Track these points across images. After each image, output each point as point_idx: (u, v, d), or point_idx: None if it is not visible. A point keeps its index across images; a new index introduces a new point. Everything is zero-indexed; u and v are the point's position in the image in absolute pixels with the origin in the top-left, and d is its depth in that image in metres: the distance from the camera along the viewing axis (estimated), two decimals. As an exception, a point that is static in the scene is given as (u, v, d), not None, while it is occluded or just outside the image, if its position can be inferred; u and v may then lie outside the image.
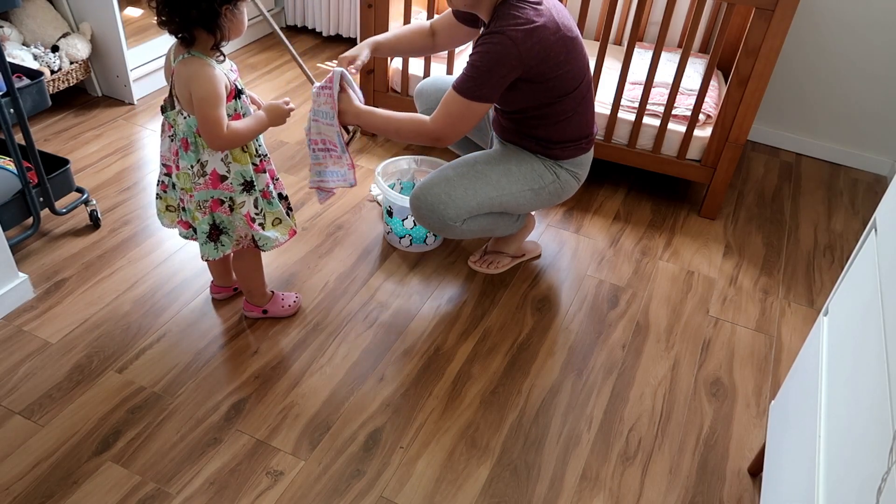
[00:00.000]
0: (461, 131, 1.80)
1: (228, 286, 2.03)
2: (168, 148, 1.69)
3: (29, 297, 1.98)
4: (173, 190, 1.76)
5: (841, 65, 2.88)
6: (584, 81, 1.88)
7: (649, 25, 3.05)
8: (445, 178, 1.91)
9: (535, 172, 1.96)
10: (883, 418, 0.94)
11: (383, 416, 1.75)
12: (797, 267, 2.42)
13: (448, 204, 1.88)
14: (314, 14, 3.66)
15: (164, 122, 1.67)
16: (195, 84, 1.52)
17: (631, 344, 2.03)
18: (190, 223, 1.76)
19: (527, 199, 1.98)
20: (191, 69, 1.52)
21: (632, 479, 1.67)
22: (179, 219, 1.78)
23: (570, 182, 2.02)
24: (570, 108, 1.88)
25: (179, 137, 1.63)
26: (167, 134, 1.67)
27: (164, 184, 1.78)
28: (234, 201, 1.70)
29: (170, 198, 1.79)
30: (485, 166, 1.93)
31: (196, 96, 1.53)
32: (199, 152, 1.63)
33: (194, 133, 1.60)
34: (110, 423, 1.67)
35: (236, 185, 1.68)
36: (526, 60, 1.71)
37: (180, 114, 1.60)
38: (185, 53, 1.54)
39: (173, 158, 1.69)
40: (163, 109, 1.67)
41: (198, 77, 1.52)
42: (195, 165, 1.64)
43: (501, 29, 1.69)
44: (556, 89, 1.82)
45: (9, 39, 2.63)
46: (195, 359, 1.86)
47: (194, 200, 1.68)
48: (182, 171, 1.66)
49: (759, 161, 3.04)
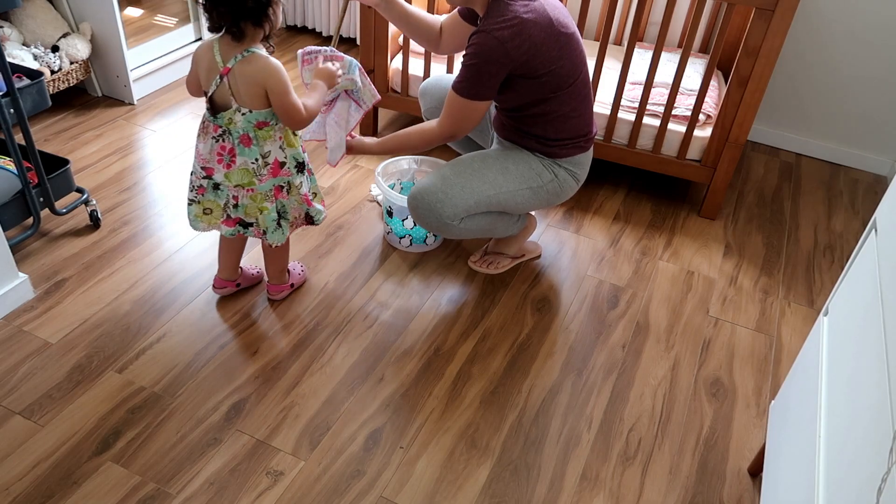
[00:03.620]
0: (468, 127, 1.89)
1: (233, 280, 2.04)
2: (210, 150, 1.72)
3: (29, 297, 1.98)
4: (214, 192, 1.79)
5: (841, 65, 2.88)
6: (581, 78, 1.88)
7: (649, 25, 3.05)
8: (442, 177, 1.91)
9: (534, 171, 1.96)
10: (883, 418, 0.94)
11: (383, 416, 1.75)
12: (797, 267, 2.42)
13: (445, 202, 1.88)
14: (314, 14, 3.66)
15: (207, 124, 1.71)
16: (270, 78, 1.61)
17: (631, 344, 2.03)
18: (241, 218, 1.82)
19: (525, 198, 1.98)
20: (258, 65, 1.60)
21: (632, 479, 1.67)
22: (224, 218, 1.83)
23: (569, 181, 2.02)
24: (567, 105, 1.88)
25: (238, 135, 1.68)
26: (210, 135, 1.71)
27: (202, 188, 1.79)
28: (292, 184, 1.80)
29: (207, 201, 1.81)
30: (482, 164, 1.94)
31: (274, 90, 1.62)
32: (261, 145, 1.70)
33: (254, 128, 1.67)
34: (110, 423, 1.67)
35: (292, 168, 1.77)
36: (514, 57, 1.73)
37: (238, 111, 1.66)
38: (243, 52, 1.60)
39: (216, 159, 1.72)
40: (211, 111, 1.69)
41: (269, 71, 1.61)
42: (259, 159, 1.71)
43: (488, 28, 1.72)
44: (551, 84, 1.82)
45: (9, 39, 2.63)
46: (195, 359, 1.86)
47: (258, 193, 1.76)
48: (238, 168, 1.72)
49: (759, 161, 3.04)
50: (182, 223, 2.31)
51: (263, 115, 1.68)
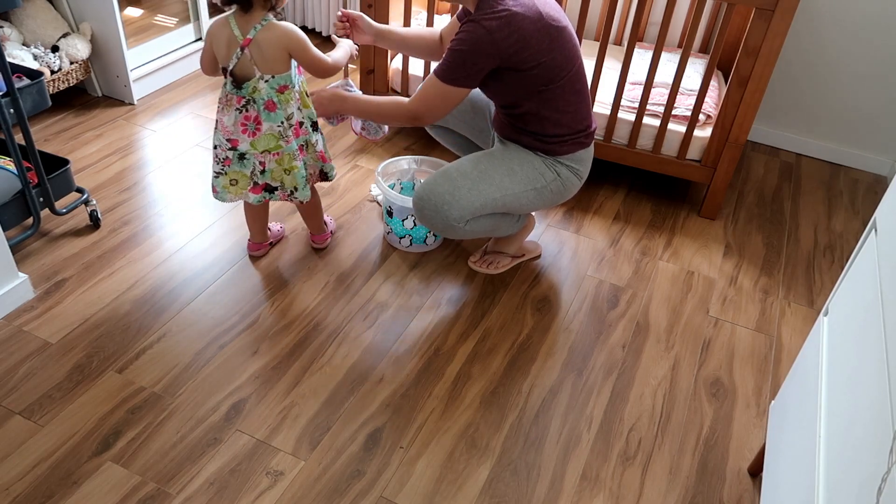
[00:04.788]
0: (438, 113, 1.88)
1: (266, 241, 2.21)
2: (235, 121, 1.84)
3: (29, 297, 1.98)
4: (239, 162, 1.90)
5: (841, 65, 2.88)
6: (574, 72, 1.87)
7: (649, 25, 3.05)
8: (449, 179, 1.91)
9: (537, 171, 1.96)
10: (883, 418, 0.94)
11: (383, 416, 1.75)
12: (797, 267, 2.42)
13: (452, 204, 1.88)
14: (314, 14, 3.66)
15: (230, 97, 1.82)
16: (291, 40, 1.76)
17: (631, 344, 2.03)
18: (268, 183, 1.94)
19: (529, 199, 1.98)
20: (278, 30, 1.75)
21: (632, 479, 1.67)
22: (251, 185, 1.95)
23: (572, 180, 2.02)
24: (561, 99, 1.88)
25: (263, 102, 1.81)
26: (234, 107, 1.82)
27: (227, 159, 1.91)
28: (308, 142, 1.95)
29: (233, 171, 1.92)
30: (488, 166, 1.94)
31: (297, 48, 1.78)
32: (284, 108, 1.83)
33: (276, 93, 1.81)
34: (110, 423, 1.67)
35: (308, 127, 1.93)
36: (502, 49, 1.74)
37: (261, 79, 1.78)
38: (261, 22, 1.73)
39: (241, 130, 1.84)
40: (234, 84, 1.80)
41: (288, 33, 1.76)
42: (283, 122, 1.85)
43: (477, 18, 1.74)
44: (542, 77, 1.82)
45: (9, 39, 2.63)
46: (195, 359, 1.86)
47: (285, 154, 1.88)
48: (265, 134, 1.85)
49: (759, 161, 3.04)
50: (182, 223, 2.31)
51: (284, 79, 1.81)
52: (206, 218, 2.35)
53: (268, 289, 2.10)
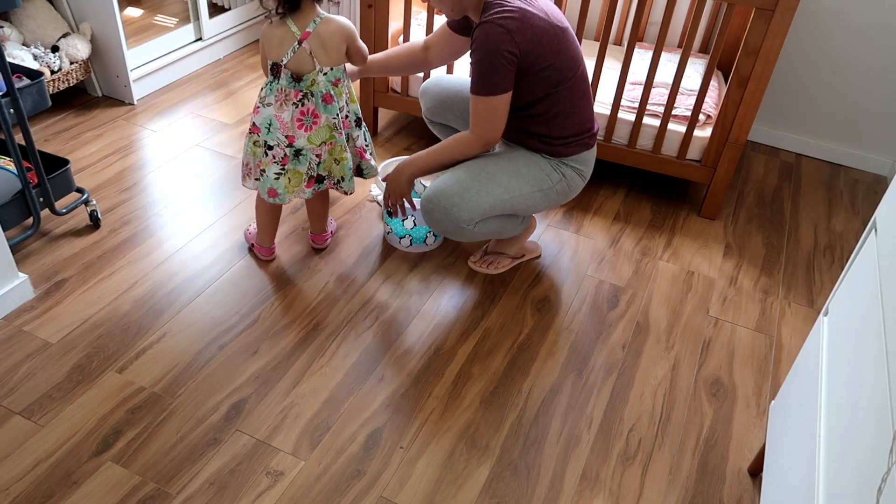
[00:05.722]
0: (498, 125, 1.87)
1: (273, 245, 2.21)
2: (292, 117, 1.88)
3: (29, 297, 1.98)
4: (295, 159, 1.93)
5: (841, 65, 2.88)
6: (579, 73, 1.89)
7: (649, 25, 3.05)
8: (457, 182, 1.90)
9: (543, 172, 1.97)
10: (883, 418, 0.94)
11: (383, 416, 1.75)
12: (797, 267, 2.42)
13: (461, 207, 1.88)
14: (314, 14, 3.65)
15: (287, 92, 1.86)
16: (350, 31, 1.87)
17: (631, 344, 2.03)
18: (321, 175, 2.00)
19: (536, 200, 1.99)
20: (337, 23, 1.85)
21: (632, 479, 1.67)
22: (307, 181, 1.98)
23: (576, 180, 2.02)
24: (567, 101, 1.89)
25: (321, 94, 1.87)
26: (291, 102, 1.87)
27: (286, 157, 1.93)
28: (350, 136, 2.02)
29: (291, 170, 1.95)
30: (495, 168, 1.94)
31: (354, 38, 1.88)
32: (339, 100, 1.91)
33: (332, 85, 1.88)
34: (110, 423, 1.67)
35: (352, 121, 2.00)
36: (520, 44, 1.74)
37: (320, 73, 1.85)
38: (316, 18, 1.81)
39: (297, 125, 1.89)
40: (294, 79, 1.85)
41: (346, 24, 1.86)
42: (338, 113, 1.92)
43: (489, 18, 1.74)
44: (551, 80, 1.83)
45: (9, 39, 2.63)
46: (195, 359, 1.86)
47: (337, 145, 1.95)
48: (323, 125, 1.90)
49: (759, 161, 3.04)
50: (182, 223, 2.31)
51: (339, 72, 1.89)
52: (206, 218, 2.35)
53: (268, 289, 2.10)
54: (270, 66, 1.86)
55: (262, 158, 1.94)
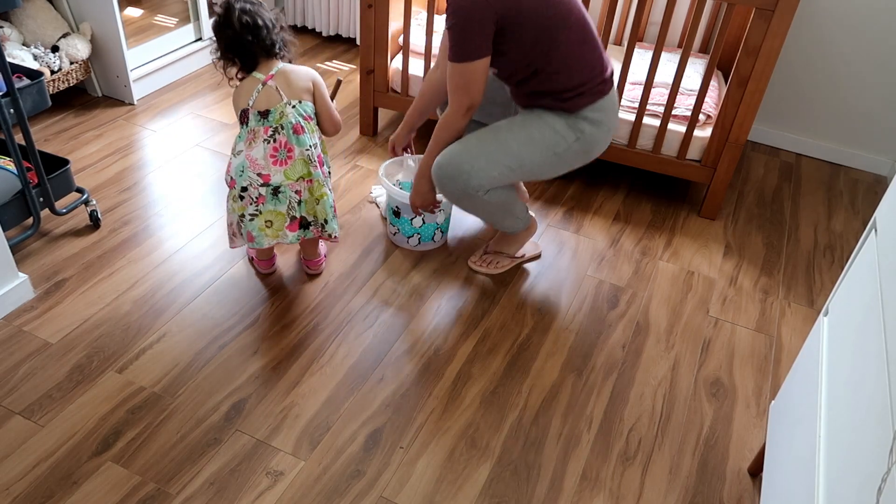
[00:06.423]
0: (476, 91, 1.83)
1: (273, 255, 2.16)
2: (264, 154, 1.83)
3: (29, 297, 1.98)
4: (274, 199, 1.88)
5: (841, 65, 2.88)
6: (573, 19, 1.83)
7: (649, 25, 3.05)
8: (468, 148, 1.90)
9: (558, 135, 1.93)
10: (883, 418, 0.94)
11: (383, 416, 1.75)
12: (797, 267, 2.42)
13: (471, 173, 1.88)
14: (314, 14, 3.66)
15: (255, 131, 1.82)
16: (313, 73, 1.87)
17: (631, 344, 2.03)
18: (303, 216, 1.95)
19: (552, 164, 1.97)
20: (300, 68, 1.86)
21: (632, 479, 1.67)
22: (288, 222, 1.93)
23: (596, 135, 1.96)
24: (568, 52, 1.84)
25: (291, 126, 1.82)
26: (261, 139, 1.83)
27: (261, 197, 1.87)
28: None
29: (268, 211, 1.89)
30: (507, 134, 1.92)
31: (319, 87, 1.88)
32: (311, 134, 1.87)
33: (303, 119, 1.84)
34: (110, 423, 1.67)
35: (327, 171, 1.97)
36: (494, 4, 1.71)
37: (288, 105, 1.82)
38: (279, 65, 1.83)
39: (272, 162, 1.84)
40: (262, 115, 1.81)
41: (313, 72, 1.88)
42: (311, 147, 1.86)
43: None
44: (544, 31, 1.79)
45: (9, 39, 2.63)
46: (195, 359, 1.86)
47: (315, 180, 1.89)
48: (297, 160, 1.86)
49: (759, 161, 3.04)
50: (182, 223, 2.31)
51: (308, 108, 1.86)
52: (206, 218, 2.35)
53: (268, 289, 2.10)
54: (239, 115, 1.84)
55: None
